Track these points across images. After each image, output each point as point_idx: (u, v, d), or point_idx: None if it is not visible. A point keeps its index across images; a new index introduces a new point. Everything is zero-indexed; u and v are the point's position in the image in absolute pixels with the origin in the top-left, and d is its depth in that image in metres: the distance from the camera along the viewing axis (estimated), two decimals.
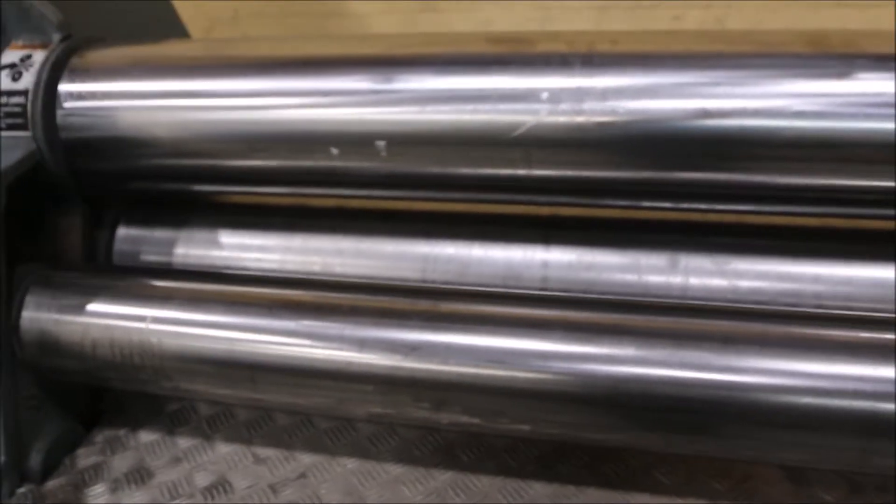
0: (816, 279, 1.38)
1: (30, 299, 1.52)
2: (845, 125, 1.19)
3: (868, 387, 1.15)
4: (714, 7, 3.07)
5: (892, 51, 1.19)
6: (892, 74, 1.17)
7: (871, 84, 1.18)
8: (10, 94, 1.52)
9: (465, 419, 1.33)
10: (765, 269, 1.41)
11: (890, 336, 1.19)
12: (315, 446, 1.59)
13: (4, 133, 1.53)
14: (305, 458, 1.56)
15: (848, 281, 1.37)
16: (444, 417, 1.34)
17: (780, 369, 1.18)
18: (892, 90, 1.17)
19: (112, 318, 1.47)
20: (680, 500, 1.41)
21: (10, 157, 1.49)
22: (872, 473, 1.36)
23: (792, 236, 1.44)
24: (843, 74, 1.20)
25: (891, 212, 1.32)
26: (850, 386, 1.16)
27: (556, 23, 3.14)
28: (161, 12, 2.12)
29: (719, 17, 3.09)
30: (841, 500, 1.39)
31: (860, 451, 1.19)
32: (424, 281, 1.54)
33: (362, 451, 1.56)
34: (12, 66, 1.54)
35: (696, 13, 3.12)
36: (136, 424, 1.70)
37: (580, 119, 1.27)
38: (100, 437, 1.67)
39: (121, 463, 1.59)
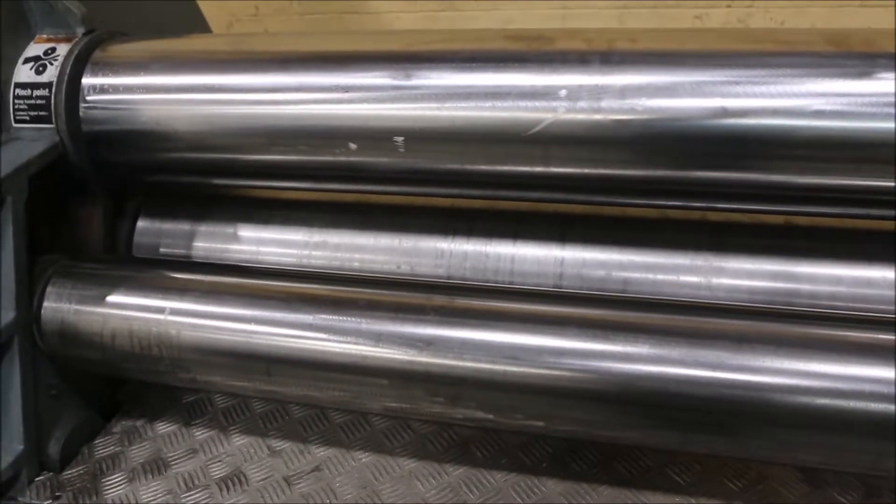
0: (835, 280, 1.37)
1: (51, 290, 1.54)
2: (866, 125, 1.18)
3: (885, 389, 1.15)
4: (736, 7, 3.06)
5: None
6: None
7: (893, 84, 1.17)
8: (34, 86, 1.54)
9: (479, 414, 1.33)
10: (782, 269, 1.40)
11: None
12: (330, 440, 1.60)
13: (28, 125, 1.55)
14: (320, 452, 1.57)
15: (867, 282, 1.36)
16: (459, 412, 1.35)
17: (795, 370, 1.18)
18: None
19: (131, 309, 1.49)
20: (694, 500, 1.41)
21: (34, 149, 1.51)
22: (887, 476, 1.35)
23: (810, 237, 1.43)
24: (863, 74, 1.19)
25: None
26: (867, 388, 1.15)
27: (577, 22, 3.14)
28: (184, 8, 2.14)
29: (741, 17, 3.08)
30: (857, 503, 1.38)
31: (875, 453, 1.18)
32: (441, 276, 1.55)
33: (377, 445, 1.57)
34: (37, 59, 1.56)
35: (718, 13, 3.11)
36: (153, 415, 1.72)
37: (598, 117, 1.27)
38: (118, 427, 1.69)
39: (138, 453, 1.61)
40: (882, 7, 2.90)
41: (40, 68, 1.55)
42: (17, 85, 1.55)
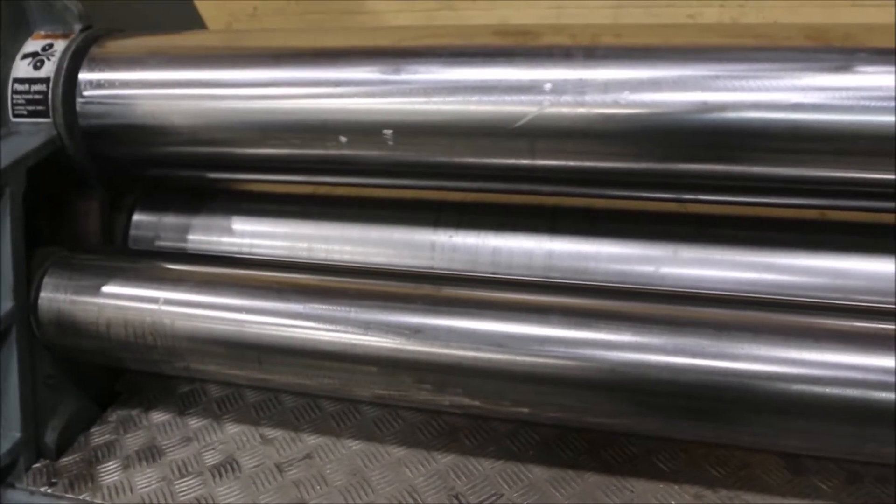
0: (815, 271, 1.40)
1: (48, 281, 1.56)
2: (844, 118, 1.21)
3: (860, 375, 1.17)
4: (728, 6, 3.08)
5: (892, 45, 1.21)
6: (892, 68, 1.19)
7: (871, 77, 1.20)
8: (32, 81, 1.57)
9: (465, 401, 1.36)
10: (765, 260, 1.43)
11: (883, 325, 1.21)
12: (321, 428, 1.63)
13: (26, 119, 1.58)
14: (311, 440, 1.60)
15: (846, 273, 1.39)
16: (446, 399, 1.37)
17: (773, 356, 1.21)
18: (892, 83, 1.18)
19: (126, 299, 1.52)
20: (678, 486, 1.43)
21: (32, 143, 1.54)
22: (867, 461, 1.38)
23: (791, 228, 1.46)
24: (842, 68, 1.22)
25: (890, 204, 1.33)
26: (843, 374, 1.18)
27: (572, 20, 3.16)
28: (182, 8, 2.16)
29: (735, 16, 3.10)
30: (838, 490, 1.40)
31: (853, 438, 1.21)
32: (431, 268, 1.57)
33: (367, 433, 1.60)
34: (34, 54, 1.59)
35: (711, 12, 3.13)
36: (148, 405, 1.75)
37: (582, 110, 1.30)
38: (114, 416, 1.72)
39: (133, 441, 1.64)
40: (874, 6, 2.92)
41: (38, 64, 1.58)
42: (16, 80, 1.59)
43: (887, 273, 1.36)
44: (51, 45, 1.59)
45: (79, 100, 1.57)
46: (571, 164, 1.38)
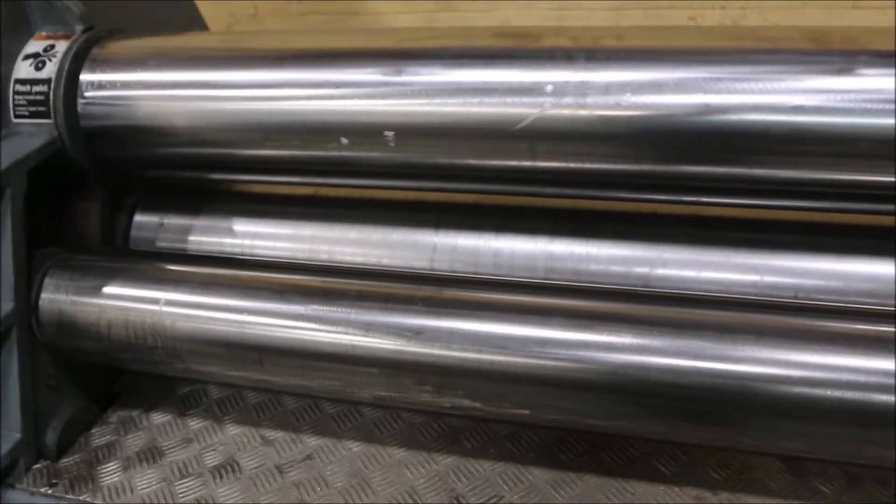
0: (816, 274, 1.40)
1: (49, 281, 1.56)
2: (845, 120, 1.21)
3: (861, 378, 1.17)
4: (730, 8, 3.08)
5: (893, 48, 1.21)
6: (893, 71, 1.19)
7: (872, 80, 1.20)
8: (34, 82, 1.57)
9: (466, 403, 1.36)
10: (766, 262, 1.43)
11: (884, 328, 1.20)
12: (322, 429, 1.62)
13: (28, 120, 1.58)
14: (312, 441, 1.60)
15: (848, 276, 1.39)
16: (447, 401, 1.37)
17: (775, 359, 1.20)
18: (892, 86, 1.18)
19: (127, 300, 1.52)
20: (678, 489, 1.43)
21: (33, 144, 1.54)
22: (867, 464, 1.37)
23: (793, 231, 1.46)
24: (843, 70, 1.22)
25: (891, 207, 1.33)
26: (844, 377, 1.18)
27: (572, 22, 3.16)
28: (183, 9, 2.16)
29: (735, 18, 3.10)
30: (839, 493, 1.40)
31: (854, 441, 1.21)
32: (432, 270, 1.57)
33: (368, 434, 1.60)
34: (36, 55, 1.59)
35: (712, 14, 3.13)
36: (149, 406, 1.74)
37: (583, 112, 1.30)
38: (114, 417, 1.72)
39: (133, 442, 1.64)
40: (875, 9, 2.92)
41: (39, 65, 1.58)
42: (17, 81, 1.59)
43: (888, 275, 1.36)
44: (52, 46, 1.59)
45: (80, 101, 1.57)
46: (573, 165, 1.38)
